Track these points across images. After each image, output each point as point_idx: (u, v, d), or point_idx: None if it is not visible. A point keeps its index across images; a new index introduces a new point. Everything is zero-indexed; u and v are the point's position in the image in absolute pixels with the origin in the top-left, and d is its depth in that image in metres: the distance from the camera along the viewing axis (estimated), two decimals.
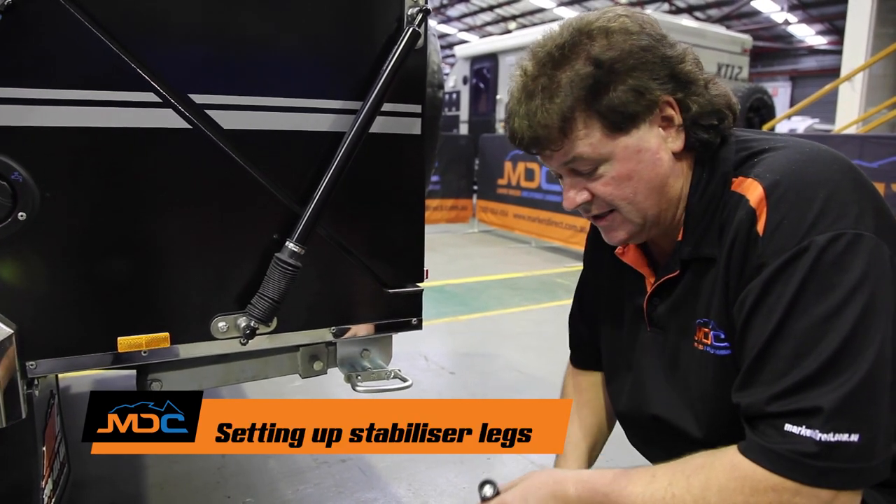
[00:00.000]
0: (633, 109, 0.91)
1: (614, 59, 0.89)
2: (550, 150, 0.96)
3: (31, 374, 1.10)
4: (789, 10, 20.27)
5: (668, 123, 0.94)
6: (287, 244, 1.18)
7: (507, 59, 10.54)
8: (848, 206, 0.82)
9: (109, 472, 2.41)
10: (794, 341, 0.79)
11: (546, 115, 0.91)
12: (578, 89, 0.90)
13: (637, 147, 0.93)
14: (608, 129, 0.92)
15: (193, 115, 1.15)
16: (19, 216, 1.04)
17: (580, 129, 0.92)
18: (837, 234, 0.80)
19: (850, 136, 6.18)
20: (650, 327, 1.09)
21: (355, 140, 1.21)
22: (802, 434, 0.76)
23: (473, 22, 25.55)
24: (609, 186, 0.95)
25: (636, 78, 0.90)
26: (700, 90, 0.94)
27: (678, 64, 0.93)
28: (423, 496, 2.33)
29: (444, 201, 8.74)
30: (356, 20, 1.28)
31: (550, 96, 0.91)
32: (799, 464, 0.76)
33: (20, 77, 1.02)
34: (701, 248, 0.95)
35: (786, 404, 0.78)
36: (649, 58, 0.91)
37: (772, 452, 0.78)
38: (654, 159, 0.94)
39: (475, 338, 4.32)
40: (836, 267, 0.79)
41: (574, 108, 0.91)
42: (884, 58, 7.38)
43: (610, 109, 0.90)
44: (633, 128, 0.92)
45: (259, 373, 1.44)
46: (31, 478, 1.23)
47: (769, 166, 0.90)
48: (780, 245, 0.82)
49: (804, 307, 0.79)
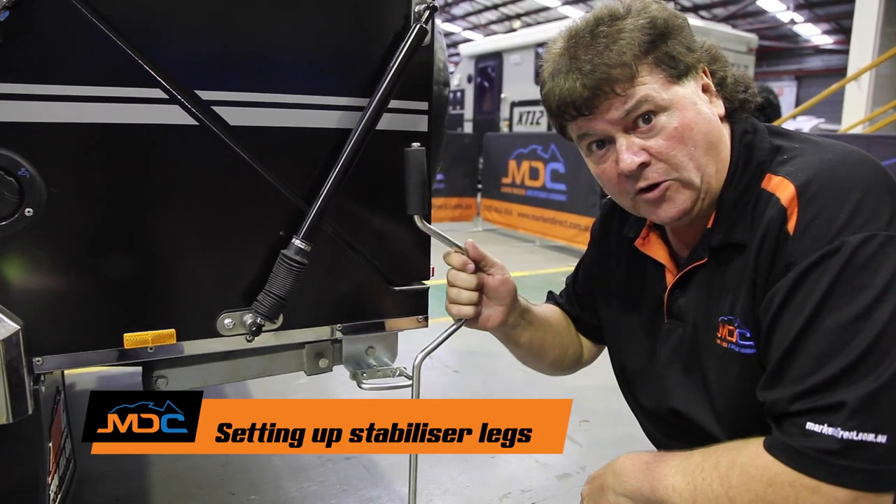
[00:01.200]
0: (686, 63, 0.96)
1: (666, 18, 0.95)
2: (616, 93, 0.93)
3: (37, 370, 1.10)
4: (795, 9, 20.19)
5: (707, 87, 1.00)
6: (293, 241, 1.18)
7: (511, 57, 10.53)
8: (881, 208, 0.81)
9: (114, 469, 2.41)
10: (822, 341, 0.79)
11: (614, 55, 0.92)
12: (642, 34, 0.93)
13: (693, 99, 0.96)
14: (668, 76, 0.95)
15: (200, 112, 1.14)
16: (26, 212, 1.04)
17: (645, 73, 0.94)
18: (870, 235, 0.79)
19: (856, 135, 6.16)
20: (668, 319, 1.08)
21: (362, 137, 1.21)
22: (824, 432, 0.76)
23: (478, 20, 25.53)
24: (672, 140, 0.94)
25: (684, 37, 0.97)
26: (725, 64, 1.04)
27: (706, 44, 1.03)
28: (427, 494, 2.33)
29: (449, 200, 8.74)
30: (363, 17, 1.28)
31: (615, 40, 0.93)
32: (818, 461, 0.76)
33: (27, 73, 1.02)
34: (733, 235, 0.95)
35: (809, 402, 0.78)
36: (687, 26, 0.98)
37: (792, 449, 0.78)
38: (707, 114, 0.97)
39: (479, 336, 4.30)
40: (868, 268, 0.78)
41: (640, 50, 0.93)
42: (891, 57, 7.35)
43: (669, 56, 0.94)
44: (688, 79, 0.97)
45: (264, 370, 1.44)
46: (39, 473, 1.23)
47: (801, 165, 0.89)
48: (810, 245, 0.82)
49: (833, 307, 0.79)
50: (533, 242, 7.98)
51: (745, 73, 1.06)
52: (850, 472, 0.75)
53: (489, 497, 2.32)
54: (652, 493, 0.90)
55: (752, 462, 0.81)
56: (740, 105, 1.03)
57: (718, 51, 1.05)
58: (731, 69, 1.05)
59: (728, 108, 1.02)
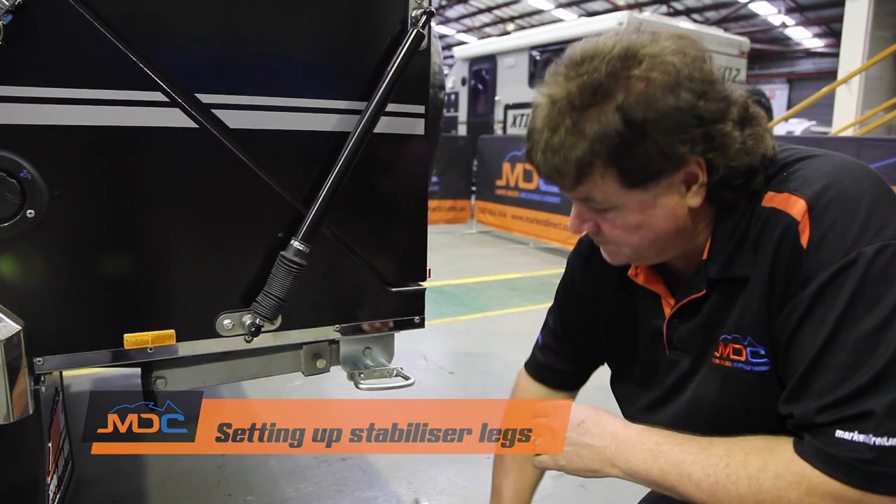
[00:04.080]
0: (655, 169, 0.85)
1: (647, 119, 0.82)
2: (563, 188, 0.93)
3: (38, 371, 1.11)
4: (786, 12, 20.32)
5: (692, 180, 0.88)
6: (292, 243, 1.19)
7: (505, 60, 10.56)
8: (889, 217, 0.81)
9: (111, 470, 2.41)
10: (846, 353, 0.78)
11: (563, 160, 0.86)
12: (601, 145, 0.84)
13: (652, 202, 0.89)
14: (625, 183, 0.87)
15: (200, 115, 1.16)
16: (28, 214, 1.05)
17: (596, 178, 0.87)
18: (883, 245, 0.79)
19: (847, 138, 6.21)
20: (669, 350, 1.04)
21: (360, 140, 1.23)
22: (855, 440, 0.75)
23: (472, 23, 25.57)
24: (616, 230, 0.93)
25: (665, 141, 0.83)
26: (734, 150, 0.86)
27: (717, 123, 0.85)
28: (423, 494, 2.35)
29: (443, 202, 8.74)
30: (361, 21, 1.30)
31: (572, 144, 0.85)
32: (856, 469, 0.74)
33: (29, 76, 1.03)
34: (733, 269, 0.91)
35: (836, 413, 0.77)
36: (685, 119, 0.83)
37: (830, 457, 0.76)
38: (667, 215, 0.90)
39: (474, 338, 4.33)
40: (885, 279, 0.78)
41: (593, 161, 0.85)
42: (880, 60, 7.42)
43: (631, 168, 0.85)
44: (651, 184, 0.87)
45: (262, 370, 1.46)
46: (38, 474, 1.24)
47: (805, 179, 0.87)
48: (826, 258, 0.80)
49: (855, 319, 0.78)
50: (527, 244, 8.00)
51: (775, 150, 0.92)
52: (890, 479, 0.74)
53: (485, 497, 2.32)
54: (662, 477, 0.87)
55: (787, 468, 0.79)
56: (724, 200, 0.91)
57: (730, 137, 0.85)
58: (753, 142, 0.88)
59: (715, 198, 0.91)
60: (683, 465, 0.86)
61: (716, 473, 0.83)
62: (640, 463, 0.90)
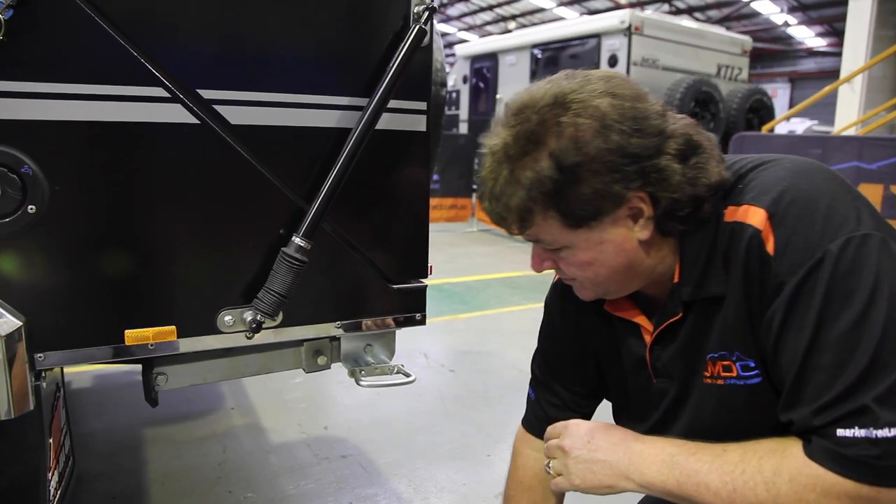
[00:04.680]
0: (594, 209, 0.88)
1: (578, 163, 0.85)
2: (511, 232, 0.96)
3: (39, 367, 1.11)
4: (789, 11, 20.29)
5: (637, 214, 0.91)
6: (293, 239, 1.19)
7: (506, 58, 10.54)
8: (848, 210, 0.83)
9: (112, 467, 2.42)
10: (831, 352, 0.79)
11: (505, 208, 0.91)
12: (537, 191, 0.88)
13: (599, 239, 0.92)
14: (567, 224, 0.91)
15: (202, 111, 1.15)
16: (29, 209, 1.05)
17: (539, 222, 0.92)
18: (847, 238, 0.80)
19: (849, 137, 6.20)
20: (656, 379, 1.05)
21: (361, 136, 1.22)
22: (857, 436, 0.75)
23: (473, 21, 25.55)
24: (572, 267, 0.97)
25: (600, 181, 0.86)
26: (675, 182, 0.88)
27: (652, 159, 0.87)
28: (424, 492, 2.35)
29: (444, 200, 8.75)
30: (363, 17, 1.29)
31: (511, 192, 0.89)
32: (865, 465, 0.75)
33: (31, 71, 1.03)
34: (706, 289, 0.92)
35: (833, 413, 0.77)
36: (617, 160, 0.85)
37: (836, 455, 0.77)
38: (616, 250, 0.93)
39: (475, 336, 4.33)
40: (853, 271, 0.79)
41: (533, 207, 0.90)
42: (883, 60, 7.40)
43: (569, 211, 0.89)
44: (594, 223, 0.90)
45: (263, 367, 1.45)
46: (39, 470, 1.24)
47: (761, 189, 0.88)
48: (794, 261, 0.82)
49: (833, 317, 0.79)
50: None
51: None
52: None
53: (484, 494, 2.33)
54: (679, 488, 0.87)
55: (800, 471, 0.79)
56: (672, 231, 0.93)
57: (669, 170, 0.87)
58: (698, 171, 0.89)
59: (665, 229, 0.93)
60: (700, 475, 0.85)
61: (733, 481, 0.82)
62: (655, 475, 0.90)
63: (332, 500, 2.27)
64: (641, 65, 8.54)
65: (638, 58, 8.52)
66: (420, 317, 1.46)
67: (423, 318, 1.46)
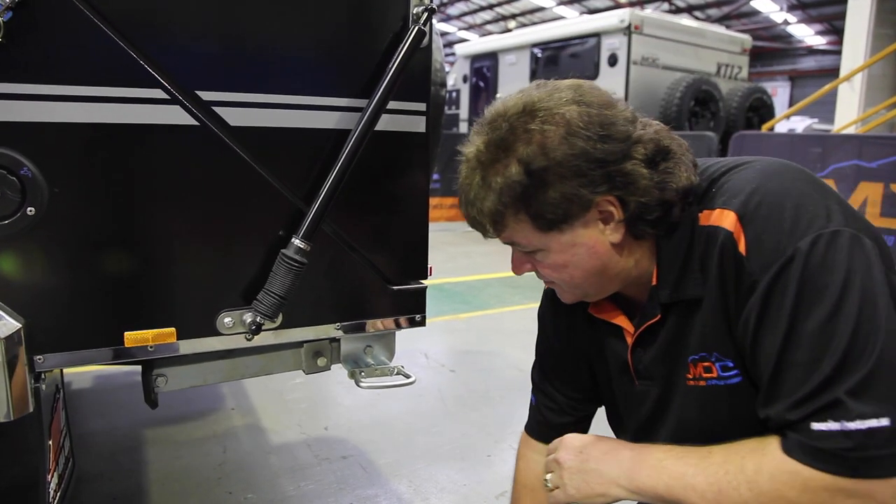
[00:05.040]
0: (563, 212, 0.92)
1: (545, 168, 0.88)
2: (486, 235, 1.00)
3: (38, 368, 1.11)
4: (788, 9, 20.28)
5: (607, 217, 0.93)
6: (293, 241, 1.19)
7: (506, 57, 10.54)
8: (817, 208, 0.84)
9: (112, 468, 2.42)
10: (805, 348, 0.80)
11: (479, 212, 0.95)
12: (507, 196, 0.92)
13: (571, 242, 0.95)
14: (538, 227, 0.94)
15: (201, 112, 1.15)
16: (28, 211, 1.05)
17: (511, 225, 0.95)
18: (816, 235, 0.82)
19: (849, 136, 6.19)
20: (638, 382, 1.07)
21: (361, 137, 1.22)
22: (830, 429, 0.77)
23: (473, 20, 25.53)
24: (547, 269, 1.00)
25: (567, 185, 0.89)
26: (643, 186, 0.90)
27: (620, 163, 0.89)
28: (424, 493, 2.35)
29: (444, 200, 8.74)
30: (362, 18, 1.29)
31: (483, 197, 0.94)
32: (840, 458, 0.76)
33: (30, 73, 1.03)
34: (683, 291, 0.94)
35: (807, 407, 0.79)
36: (583, 165, 0.88)
37: (812, 449, 0.78)
38: (589, 253, 0.96)
39: (475, 336, 4.33)
40: (824, 267, 0.80)
41: (504, 211, 0.93)
42: (883, 58, 7.39)
43: (539, 214, 0.92)
44: (565, 226, 0.93)
45: (263, 369, 1.45)
46: (38, 471, 1.24)
47: (732, 192, 0.91)
48: (765, 260, 0.84)
49: (806, 313, 0.80)
50: None
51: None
52: (877, 461, 0.75)
53: (485, 495, 2.33)
54: (668, 492, 0.88)
55: (779, 467, 0.80)
56: (644, 234, 0.96)
57: (636, 174, 0.90)
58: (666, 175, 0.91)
59: (635, 232, 0.95)
60: (686, 478, 0.87)
61: (717, 482, 0.84)
62: (645, 480, 0.91)
63: (333, 501, 2.27)
64: (641, 64, 8.54)
65: (638, 57, 8.51)
66: (420, 318, 1.46)
67: (424, 319, 1.46)
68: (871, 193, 4.62)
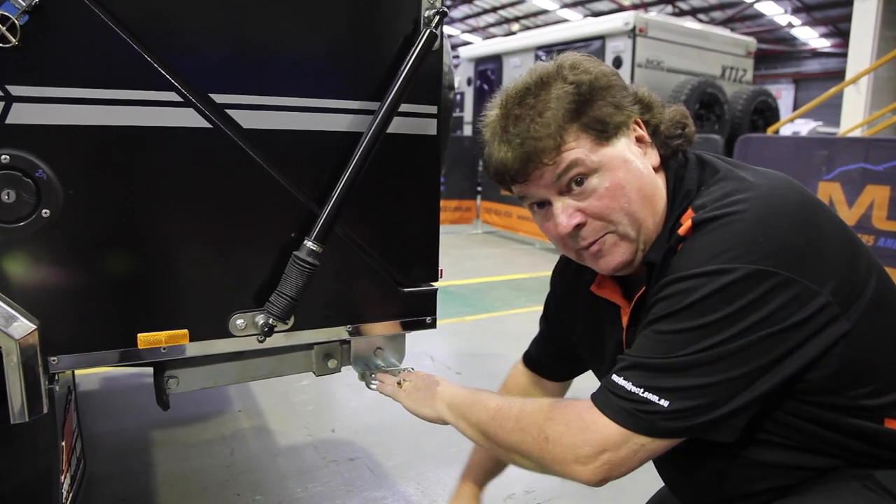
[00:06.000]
0: (615, 121, 0.99)
1: (590, 80, 0.99)
2: (544, 163, 0.98)
3: (52, 370, 1.11)
4: (793, 12, 20.26)
5: (640, 139, 1.04)
6: (305, 243, 1.19)
7: (511, 60, 10.55)
8: (762, 242, 0.86)
9: (121, 469, 2.43)
10: (653, 340, 0.90)
11: (539, 127, 0.97)
12: (566, 103, 0.98)
13: (623, 157, 1.00)
14: (595, 139, 0.99)
15: (214, 115, 1.16)
16: (43, 213, 1.06)
17: (571, 140, 0.98)
18: (734, 266, 0.85)
19: (854, 139, 6.18)
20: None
21: (373, 140, 1.23)
22: (619, 381, 0.91)
23: (477, 23, 25.58)
24: (604, 199, 0.99)
25: (612, 95, 1.00)
26: (659, 110, 1.07)
27: (638, 90, 1.06)
28: (432, 495, 2.35)
29: (449, 202, 8.74)
30: (374, 22, 1.29)
31: (541, 112, 0.98)
32: (606, 396, 0.92)
33: (45, 76, 1.04)
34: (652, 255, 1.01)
35: (620, 369, 0.92)
36: (616, 81, 1.02)
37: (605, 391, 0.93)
38: (639, 169, 1.01)
39: (481, 338, 4.33)
40: (723, 295, 0.85)
41: (564, 120, 0.97)
42: (889, 61, 7.38)
43: (595, 120, 0.98)
44: (615, 139, 1.00)
45: (274, 370, 1.46)
46: (52, 472, 1.24)
47: (707, 200, 0.96)
48: (684, 264, 0.90)
49: (678, 318, 0.88)
50: (533, 245, 8.00)
51: (681, 108, 1.10)
52: (627, 414, 0.89)
53: (493, 497, 2.33)
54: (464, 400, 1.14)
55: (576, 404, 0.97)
56: (677, 148, 1.07)
57: (652, 98, 1.07)
58: (667, 112, 1.08)
59: (663, 154, 1.06)
60: (489, 400, 1.08)
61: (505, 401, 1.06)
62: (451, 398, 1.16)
63: (341, 503, 2.27)
64: (646, 66, 8.53)
65: (642, 59, 8.51)
66: (431, 320, 1.46)
67: (434, 321, 1.46)
68: (877, 196, 4.60)
